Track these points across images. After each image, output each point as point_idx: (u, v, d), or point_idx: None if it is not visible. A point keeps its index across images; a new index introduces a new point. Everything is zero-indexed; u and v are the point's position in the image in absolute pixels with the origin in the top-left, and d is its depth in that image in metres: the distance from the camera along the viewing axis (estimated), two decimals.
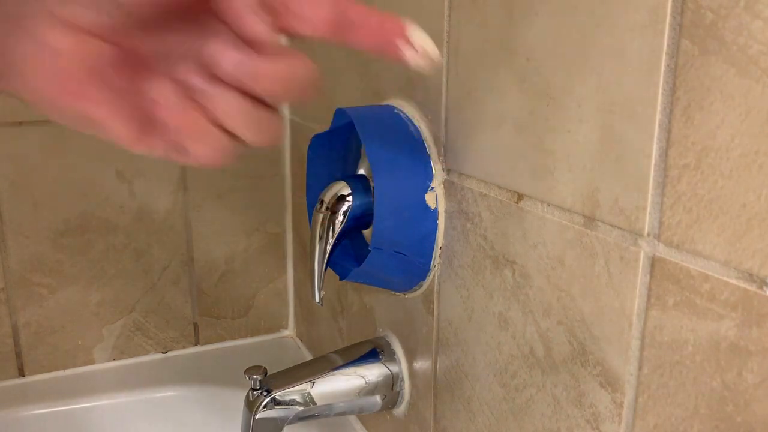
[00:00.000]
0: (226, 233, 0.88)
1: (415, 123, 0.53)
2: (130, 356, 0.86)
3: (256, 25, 0.26)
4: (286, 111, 0.87)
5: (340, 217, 0.54)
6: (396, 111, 0.54)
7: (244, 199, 0.88)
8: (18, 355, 0.81)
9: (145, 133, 0.28)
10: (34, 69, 0.27)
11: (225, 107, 0.27)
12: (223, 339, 0.91)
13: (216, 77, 0.27)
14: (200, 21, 0.28)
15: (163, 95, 0.27)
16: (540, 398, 0.43)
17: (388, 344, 0.62)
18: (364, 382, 0.60)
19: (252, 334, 0.93)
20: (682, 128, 0.31)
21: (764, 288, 0.28)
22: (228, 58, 0.26)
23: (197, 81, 0.27)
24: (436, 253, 0.53)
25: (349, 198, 0.54)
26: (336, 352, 0.63)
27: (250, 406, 0.58)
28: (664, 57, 0.32)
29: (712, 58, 0.29)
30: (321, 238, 0.54)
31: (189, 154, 0.28)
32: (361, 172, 0.60)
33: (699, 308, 0.31)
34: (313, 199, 0.61)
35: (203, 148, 0.28)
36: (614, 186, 0.35)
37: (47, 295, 0.81)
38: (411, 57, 0.28)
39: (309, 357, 0.88)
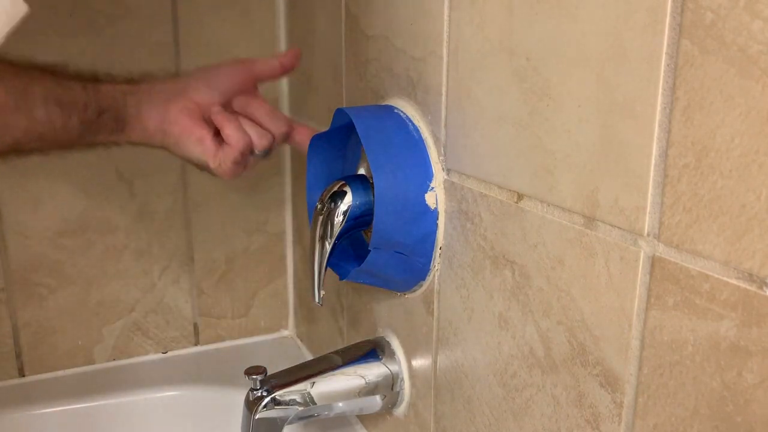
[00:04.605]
0: (226, 233, 0.88)
1: (415, 123, 0.53)
2: (130, 356, 0.86)
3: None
4: (285, 111, 0.87)
5: (340, 217, 0.54)
6: (396, 111, 0.54)
7: (244, 199, 0.88)
8: (18, 355, 0.81)
9: (218, 149, 0.62)
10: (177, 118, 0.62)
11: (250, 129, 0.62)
12: (223, 339, 0.91)
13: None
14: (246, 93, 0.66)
15: (227, 121, 0.62)
16: (540, 398, 0.43)
17: (388, 344, 0.62)
18: (364, 382, 0.60)
19: (252, 334, 0.93)
20: (682, 128, 0.31)
21: (764, 288, 0.28)
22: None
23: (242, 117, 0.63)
24: (436, 253, 0.53)
25: (349, 198, 0.54)
26: (336, 352, 0.63)
27: (250, 406, 0.58)
28: (664, 57, 0.32)
29: (712, 58, 0.29)
30: (321, 238, 0.54)
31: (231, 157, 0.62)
32: (361, 172, 0.60)
33: (699, 308, 0.31)
34: (313, 199, 0.61)
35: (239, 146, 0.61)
36: (614, 186, 0.35)
37: (47, 295, 0.80)
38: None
39: (309, 357, 0.88)
